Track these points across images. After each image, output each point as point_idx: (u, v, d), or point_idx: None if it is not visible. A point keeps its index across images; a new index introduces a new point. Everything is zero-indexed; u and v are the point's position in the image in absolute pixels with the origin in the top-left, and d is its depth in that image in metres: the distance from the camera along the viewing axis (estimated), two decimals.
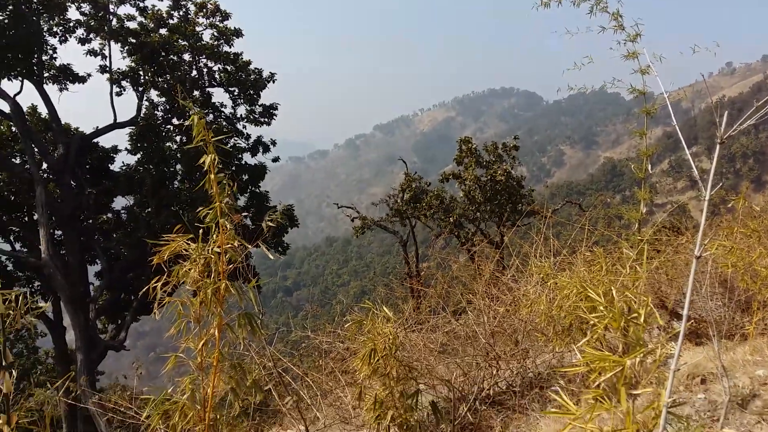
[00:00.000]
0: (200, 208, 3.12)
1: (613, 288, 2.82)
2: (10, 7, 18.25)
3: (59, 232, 20.98)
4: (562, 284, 3.63)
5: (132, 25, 21.51)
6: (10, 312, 3.20)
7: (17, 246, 21.89)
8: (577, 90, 6.07)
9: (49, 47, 20.69)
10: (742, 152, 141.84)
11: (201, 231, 3.11)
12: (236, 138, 23.04)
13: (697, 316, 5.05)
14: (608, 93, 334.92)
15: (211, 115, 22.70)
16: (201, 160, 3.08)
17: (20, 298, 3.25)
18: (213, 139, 3.10)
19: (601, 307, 2.69)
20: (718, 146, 2.69)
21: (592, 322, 2.72)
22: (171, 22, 21.81)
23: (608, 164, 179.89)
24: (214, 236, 3.10)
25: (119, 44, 21.33)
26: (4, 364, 2.90)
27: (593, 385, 2.27)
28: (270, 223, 3.40)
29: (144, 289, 3.20)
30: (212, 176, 3.08)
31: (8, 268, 21.09)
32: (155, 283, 3.12)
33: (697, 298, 5.11)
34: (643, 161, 5.80)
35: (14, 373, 2.96)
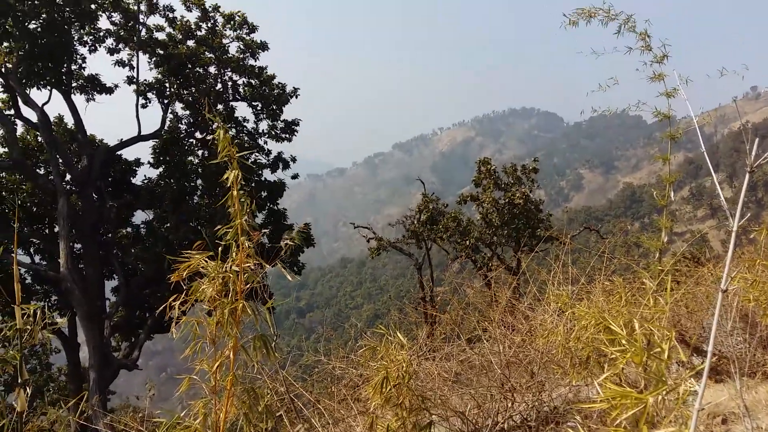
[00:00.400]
0: (219, 226, 3.12)
1: (634, 320, 2.76)
2: (44, 16, 18.66)
3: (79, 246, 21.13)
4: (580, 314, 3.57)
5: (161, 36, 21.83)
6: (28, 327, 3.22)
7: (37, 258, 22.10)
8: (601, 112, 6.02)
9: (78, 56, 21.00)
10: (764, 181, 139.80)
11: (220, 249, 3.10)
12: (257, 153, 23.19)
13: (718, 352, 4.94)
14: (630, 116, 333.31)
15: (233, 130, 22.85)
16: (224, 176, 3.08)
17: (38, 313, 3.26)
18: (237, 155, 3.09)
19: (622, 341, 2.63)
20: (747, 175, 2.64)
21: (612, 356, 2.67)
22: (199, 33, 22.06)
23: (628, 190, 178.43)
24: (233, 254, 3.09)
25: (147, 55, 21.58)
26: (19, 381, 2.90)
27: (613, 422, 2.21)
28: (289, 242, 3.39)
29: (161, 308, 3.19)
30: (234, 193, 3.08)
31: (27, 281, 21.23)
32: (173, 301, 3.11)
33: (718, 333, 5.00)
34: (666, 188, 5.73)
35: (29, 390, 2.97)
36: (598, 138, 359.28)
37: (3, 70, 19.39)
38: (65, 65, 20.41)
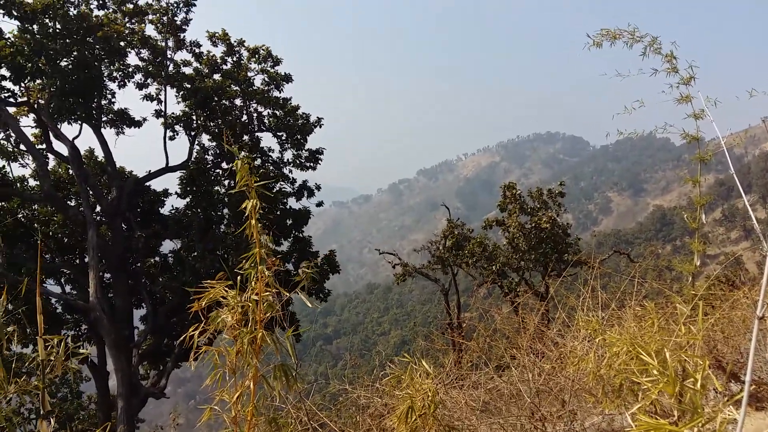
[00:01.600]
0: (244, 254, 3.10)
1: (666, 348, 2.65)
2: (75, 53, 19.28)
3: (108, 275, 21.45)
4: (611, 341, 3.45)
5: (187, 70, 22.38)
6: (52, 358, 3.22)
7: (67, 288, 22.47)
8: (627, 135, 5.93)
9: (108, 92, 21.61)
10: None
11: (239, 278, 3.08)
12: (282, 182, 23.41)
13: (757, 378, 4.74)
14: (657, 138, 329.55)
15: (259, 160, 23.15)
16: (243, 205, 3.08)
17: (62, 344, 3.26)
18: (256, 184, 3.09)
19: (654, 370, 2.52)
20: None
21: (644, 386, 2.56)
22: (224, 67, 22.55)
23: (658, 212, 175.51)
24: (253, 283, 3.07)
25: (174, 89, 22.07)
26: (42, 412, 2.89)
27: None
28: (306, 271, 3.35)
29: (182, 337, 3.17)
30: (253, 221, 3.07)
31: (57, 311, 21.56)
32: (193, 330, 3.10)
33: (756, 359, 4.80)
34: (697, 210, 5.58)
35: (52, 421, 2.95)
36: (625, 161, 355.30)
37: (36, 106, 20.02)
38: (95, 100, 20.99)
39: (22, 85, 19.77)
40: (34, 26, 18.78)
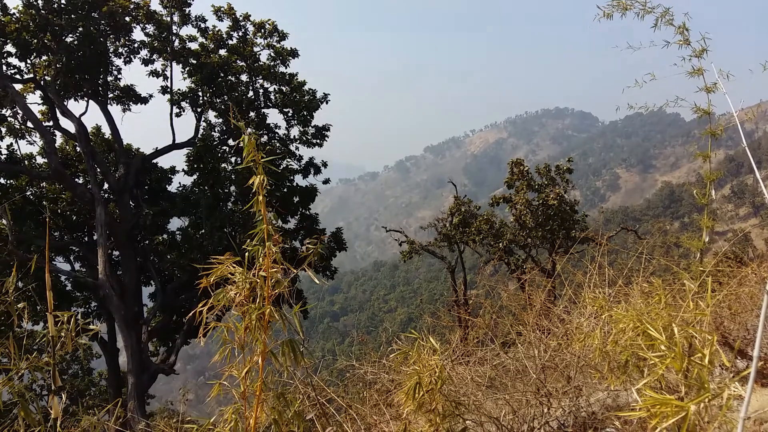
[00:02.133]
0: (251, 231, 3.11)
1: (673, 323, 2.65)
2: (80, 29, 19.19)
3: (117, 253, 21.60)
4: (617, 317, 3.45)
5: (193, 45, 22.29)
6: (62, 334, 3.25)
7: (76, 266, 22.65)
8: (637, 109, 5.86)
9: (114, 68, 21.63)
10: None
11: (247, 254, 3.09)
12: (289, 159, 23.36)
13: (764, 355, 4.74)
14: (667, 114, 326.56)
15: (265, 137, 23.11)
16: (250, 181, 3.07)
17: (72, 320, 3.29)
18: (263, 160, 3.07)
19: (662, 346, 2.52)
20: None
21: (651, 362, 2.56)
22: (230, 42, 22.42)
23: (666, 189, 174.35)
24: (260, 260, 3.07)
25: (180, 65, 22.05)
26: (53, 388, 2.93)
27: (653, 431, 2.11)
28: (312, 246, 3.35)
29: (191, 314, 3.20)
30: (260, 198, 3.06)
31: (67, 288, 21.77)
32: (201, 307, 3.11)
33: (763, 336, 4.80)
34: (707, 186, 5.53)
35: (64, 397, 2.99)
36: (635, 136, 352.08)
37: (42, 82, 19.99)
38: (101, 77, 20.95)
39: (28, 61, 19.75)
40: (39, 1, 18.67)
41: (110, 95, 21.79)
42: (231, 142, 23.05)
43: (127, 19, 20.43)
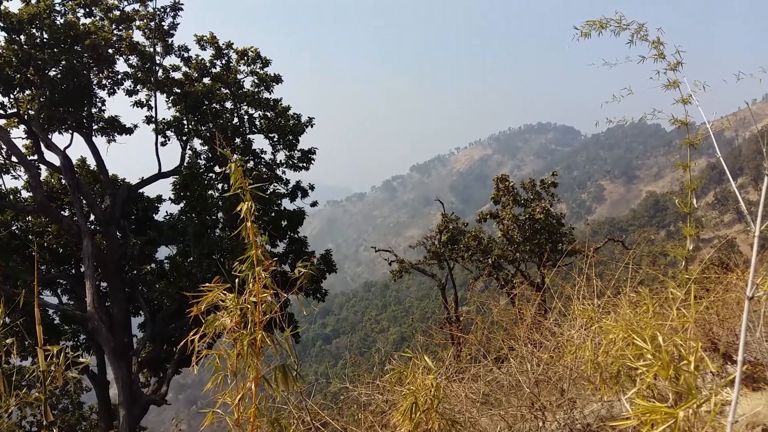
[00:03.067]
0: (240, 257, 3.13)
1: (660, 333, 2.69)
2: (63, 62, 19.21)
3: (105, 284, 21.40)
4: (607, 328, 3.49)
5: (177, 75, 22.31)
6: (52, 369, 3.23)
7: (64, 299, 22.41)
8: (617, 122, 5.96)
9: (98, 100, 21.58)
10: None
11: (237, 280, 3.10)
12: (276, 184, 23.36)
13: (753, 359, 4.79)
14: (647, 125, 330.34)
15: (251, 162, 23.10)
16: (238, 208, 3.10)
17: (62, 354, 3.28)
18: (250, 186, 3.10)
19: (649, 354, 2.56)
20: (766, 178, 2.58)
21: (640, 371, 2.60)
22: (214, 70, 22.47)
23: (651, 198, 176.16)
24: (250, 285, 3.08)
25: (164, 94, 22.04)
26: (45, 423, 2.91)
27: None
28: (303, 270, 3.37)
29: (182, 342, 3.19)
30: (249, 224, 3.08)
31: (55, 322, 21.51)
32: (193, 335, 3.11)
33: (751, 340, 4.86)
34: (688, 195, 5.63)
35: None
36: (617, 148, 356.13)
37: (26, 117, 19.95)
38: (85, 109, 20.94)
39: (12, 96, 19.69)
40: (21, 37, 18.70)
41: (95, 127, 21.74)
42: (217, 168, 22.99)
43: (110, 51, 20.48)
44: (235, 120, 22.84)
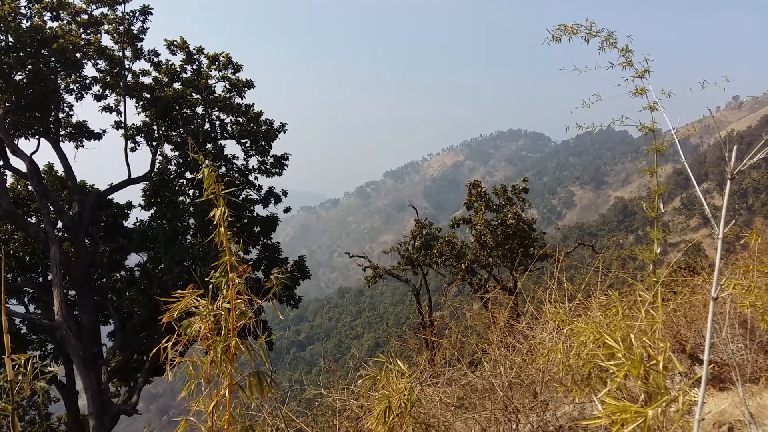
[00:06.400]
0: (212, 264, 3.10)
1: (631, 334, 2.75)
2: (29, 67, 18.82)
3: (73, 292, 20.97)
4: (578, 331, 3.55)
5: (147, 80, 22.02)
6: (20, 378, 3.16)
7: (31, 308, 21.88)
8: (585, 129, 6.08)
9: (65, 105, 21.16)
10: (754, 187, 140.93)
11: (210, 287, 3.08)
12: (248, 190, 23.19)
13: (719, 360, 4.91)
14: (615, 132, 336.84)
15: (223, 168, 22.87)
16: (211, 213, 3.07)
17: (29, 363, 3.21)
18: (223, 192, 3.09)
19: (619, 355, 2.61)
20: (728, 182, 2.66)
21: (611, 371, 2.64)
22: (184, 75, 22.22)
23: (619, 204, 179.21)
24: (224, 292, 3.06)
25: (134, 99, 21.70)
26: None
27: None
28: (278, 276, 3.36)
29: (155, 350, 3.15)
30: (222, 230, 3.06)
31: (22, 331, 20.99)
32: (165, 342, 3.08)
33: (717, 341, 4.98)
34: (655, 200, 5.76)
35: None
36: (586, 155, 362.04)
37: None
38: (52, 114, 20.53)
39: None
40: None
41: (62, 132, 21.31)
42: (188, 174, 22.74)
43: (78, 55, 20.12)
44: (207, 125, 22.61)
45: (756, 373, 4.91)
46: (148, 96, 21.49)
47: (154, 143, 22.22)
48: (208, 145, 22.35)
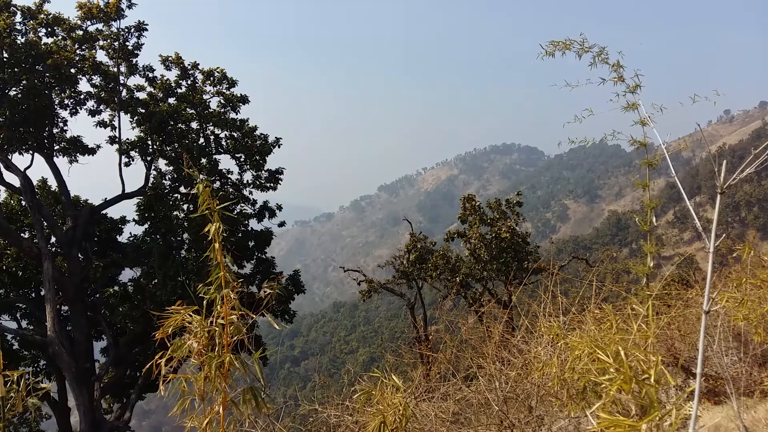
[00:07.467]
0: (206, 279, 3.10)
1: (622, 348, 2.76)
2: (24, 82, 18.83)
3: (66, 308, 20.83)
4: (572, 345, 3.56)
5: (141, 95, 22.04)
6: (12, 395, 3.14)
7: (23, 323, 21.73)
8: (578, 143, 6.13)
9: (59, 120, 21.16)
10: (746, 200, 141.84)
11: (205, 302, 3.07)
12: (243, 204, 23.17)
13: (713, 373, 4.92)
14: (608, 145, 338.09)
15: (218, 182, 22.87)
16: (206, 229, 3.07)
17: (22, 380, 3.19)
18: (218, 207, 3.09)
19: (612, 369, 2.62)
20: (719, 196, 2.69)
21: (604, 385, 2.65)
22: (179, 90, 22.29)
23: (613, 217, 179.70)
24: (218, 307, 3.06)
25: (128, 115, 21.71)
26: None
27: None
28: (269, 290, 3.35)
29: (148, 366, 3.14)
30: (217, 245, 3.06)
31: (14, 347, 20.83)
32: (159, 359, 3.06)
33: (711, 354, 4.99)
34: (648, 213, 5.79)
35: None
36: (579, 168, 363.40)
37: None
38: (47, 129, 20.53)
39: None
40: None
41: (56, 147, 21.29)
42: (182, 189, 22.73)
43: (73, 71, 20.17)
44: (201, 140, 22.64)
45: (750, 386, 4.91)
46: (143, 111, 21.52)
47: (149, 158, 22.20)
48: (203, 160, 22.34)
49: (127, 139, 22.20)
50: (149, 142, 22.06)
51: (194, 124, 22.61)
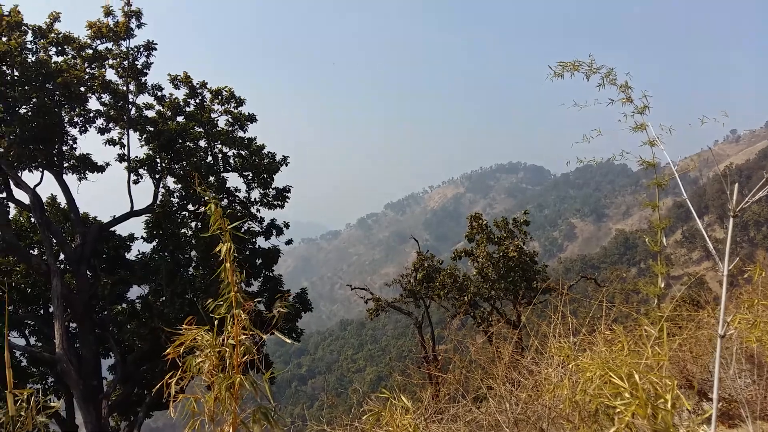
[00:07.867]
0: (214, 296, 3.10)
1: (636, 371, 2.73)
2: (34, 100, 19.07)
3: (74, 325, 20.86)
4: (584, 366, 3.52)
5: (150, 113, 22.26)
6: (22, 413, 3.13)
7: (32, 340, 21.74)
8: (586, 162, 6.14)
9: (69, 137, 21.40)
10: (754, 220, 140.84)
11: (216, 322, 3.07)
12: (250, 222, 23.24)
13: (727, 396, 4.85)
14: (615, 164, 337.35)
15: (225, 200, 22.94)
16: (217, 249, 3.08)
17: (32, 398, 3.18)
18: (229, 227, 3.09)
19: (626, 393, 2.60)
20: (731, 220, 2.68)
21: (618, 410, 2.62)
22: (187, 109, 22.49)
23: (620, 237, 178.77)
24: (229, 327, 3.05)
25: (137, 133, 21.91)
26: None
27: None
28: (281, 310, 3.34)
29: (158, 385, 3.13)
30: (228, 265, 3.06)
31: (22, 364, 20.83)
32: (169, 378, 3.06)
33: (725, 377, 4.93)
34: (657, 234, 5.77)
35: None
36: (586, 187, 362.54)
37: None
38: (56, 147, 20.72)
39: None
40: None
41: (65, 165, 21.48)
42: (190, 207, 22.83)
43: (82, 89, 20.41)
44: (209, 158, 22.77)
45: (765, 409, 4.84)
46: (152, 129, 21.71)
47: (157, 176, 22.34)
48: (211, 178, 22.45)
49: (136, 156, 22.39)
50: (158, 160, 22.20)
51: (202, 143, 22.77)
